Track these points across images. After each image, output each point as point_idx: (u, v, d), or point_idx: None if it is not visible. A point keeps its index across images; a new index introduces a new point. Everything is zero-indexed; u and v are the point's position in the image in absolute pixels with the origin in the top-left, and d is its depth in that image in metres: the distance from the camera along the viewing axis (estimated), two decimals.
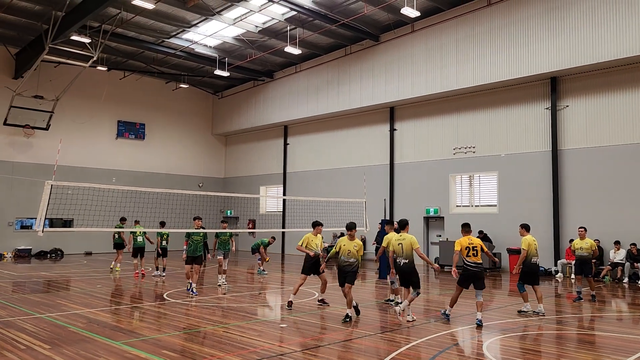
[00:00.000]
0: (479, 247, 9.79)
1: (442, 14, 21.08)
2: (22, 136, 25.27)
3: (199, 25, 22.61)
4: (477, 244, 9.83)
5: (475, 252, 9.71)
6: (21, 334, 8.30)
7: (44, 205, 9.91)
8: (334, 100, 25.34)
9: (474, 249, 9.73)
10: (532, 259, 10.85)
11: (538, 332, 9.03)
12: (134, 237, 17.15)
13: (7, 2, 19.98)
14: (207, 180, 32.27)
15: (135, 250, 17.05)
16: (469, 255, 9.71)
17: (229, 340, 8.14)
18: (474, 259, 9.69)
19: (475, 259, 9.70)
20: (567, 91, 18.70)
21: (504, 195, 20.11)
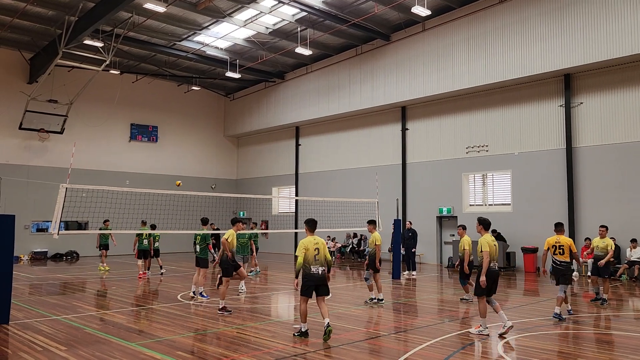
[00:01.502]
0: (565, 245, 10.08)
1: (453, 12, 20.95)
2: (37, 140, 25.60)
3: (210, 27, 22.72)
4: (565, 242, 10.12)
5: (562, 250, 10.07)
6: (38, 336, 8.40)
7: (59, 208, 10.02)
8: (345, 100, 25.31)
9: (560, 247, 10.08)
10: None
11: (554, 331, 8.92)
12: (139, 239, 17.27)
13: (21, 8, 20.25)
14: (220, 181, 32.41)
15: (140, 252, 17.25)
16: (555, 254, 10.13)
17: (242, 341, 8.16)
18: (560, 257, 10.07)
19: (562, 257, 10.06)
20: (581, 88, 18.49)
21: (518, 194, 19.93)
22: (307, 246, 8.18)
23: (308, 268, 8.13)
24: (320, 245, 8.26)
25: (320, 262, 8.21)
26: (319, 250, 8.23)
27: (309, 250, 8.16)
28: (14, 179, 22.26)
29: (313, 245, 8.21)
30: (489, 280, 8.59)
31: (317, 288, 8.19)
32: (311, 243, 8.23)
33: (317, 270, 8.16)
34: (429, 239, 22.36)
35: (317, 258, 8.18)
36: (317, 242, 8.30)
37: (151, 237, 17.34)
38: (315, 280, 8.15)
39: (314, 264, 8.16)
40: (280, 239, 29.12)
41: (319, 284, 8.19)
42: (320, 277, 8.18)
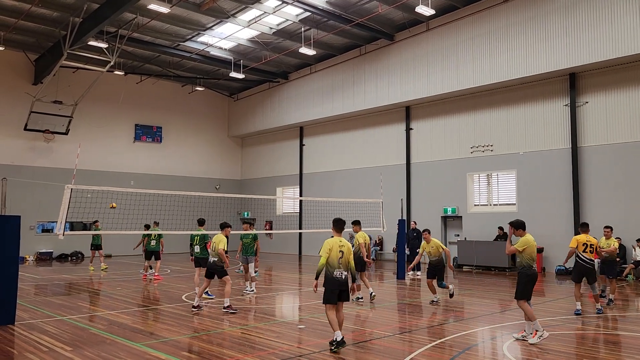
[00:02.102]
0: (594, 245, 10.60)
1: (458, 11, 20.90)
2: (42, 141, 25.69)
3: (214, 28, 22.75)
4: (594, 242, 10.60)
5: (592, 248, 10.50)
6: (43, 336, 8.42)
7: (65, 208, 10.04)
8: (349, 100, 25.29)
9: (590, 246, 10.50)
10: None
11: (560, 332, 8.88)
12: (148, 239, 17.28)
13: (26, 10, 20.33)
14: (224, 182, 32.45)
15: (149, 253, 17.23)
16: (585, 252, 10.47)
17: (247, 341, 8.15)
18: (590, 255, 10.46)
19: (590, 255, 10.47)
20: (586, 87, 18.41)
21: (523, 193, 19.86)
22: (331, 247, 7.56)
23: (330, 272, 7.51)
24: (345, 249, 7.64)
25: (343, 266, 7.61)
26: (343, 253, 7.61)
27: (332, 251, 7.54)
28: (19, 180, 22.32)
29: (338, 247, 7.59)
30: (530, 282, 8.23)
31: (340, 293, 7.55)
32: (336, 244, 7.60)
33: (340, 274, 7.53)
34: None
35: (341, 262, 7.57)
36: (343, 244, 7.65)
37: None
38: (339, 285, 7.50)
39: (337, 268, 7.53)
40: (285, 239, 29.13)
41: (342, 289, 7.56)
42: (343, 282, 7.54)
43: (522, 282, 8.22)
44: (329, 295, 7.49)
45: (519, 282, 8.28)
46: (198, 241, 12.80)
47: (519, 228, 8.45)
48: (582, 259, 10.53)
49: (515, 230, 8.47)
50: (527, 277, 8.21)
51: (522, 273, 8.28)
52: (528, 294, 8.24)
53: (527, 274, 8.22)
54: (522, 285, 8.22)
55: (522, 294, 8.20)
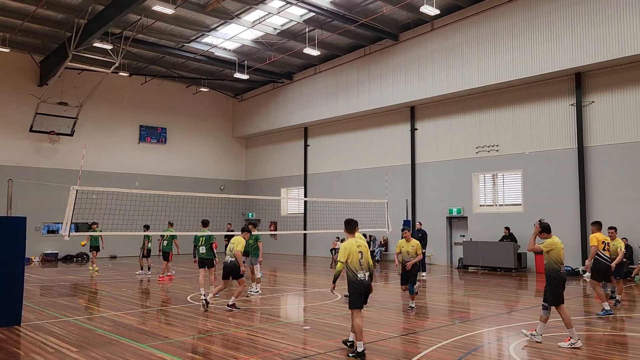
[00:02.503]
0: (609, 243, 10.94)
1: (462, 11, 20.84)
2: (48, 142, 25.78)
3: (218, 29, 22.77)
4: (609, 241, 10.96)
5: (608, 247, 10.73)
6: (49, 337, 8.43)
7: (70, 210, 10.06)
8: (353, 100, 25.26)
9: (607, 244, 10.74)
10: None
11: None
12: (161, 239, 17.26)
13: (31, 11, 20.41)
14: (229, 183, 32.47)
15: (164, 254, 17.15)
16: (604, 250, 10.60)
17: (252, 342, 8.14)
18: (607, 253, 10.66)
19: (608, 253, 10.67)
20: (592, 87, 18.31)
21: (528, 193, 19.77)
22: (349, 250, 7.14)
23: (354, 275, 7.09)
24: (363, 248, 7.26)
25: (365, 266, 7.20)
26: (362, 253, 7.22)
27: (352, 254, 7.12)
28: (25, 181, 22.40)
29: (356, 249, 7.19)
30: (560, 285, 7.98)
31: (365, 297, 7.25)
32: (353, 246, 7.19)
33: (364, 276, 7.14)
34: (439, 240, 22.24)
35: (362, 262, 7.17)
36: (360, 244, 7.29)
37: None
38: (364, 288, 7.14)
39: (360, 270, 7.13)
40: (289, 240, 29.12)
41: (367, 292, 7.26)
42: (367, 285, 7.20)
43: (552, 287, 7.99)
44: (356, 300, 7.11)
45: (549, 287, 8.04)
46: (204, 242, 12.78)
47: (543, 231, 8.23)
48: (602, 257, 10.58)
49: (539, 233, 8.26)
50: (556, 281, 7.99)
51: (551, 277, 8.04)
52: (562, 298, 8.00)
53: (556, 278, 8.00)
54: (553, 289, 7.98)
55: (557, 300, 7.95)
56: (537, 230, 8.29)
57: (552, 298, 7.99)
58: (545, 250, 8.08)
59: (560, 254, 8.10)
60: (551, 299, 8.00)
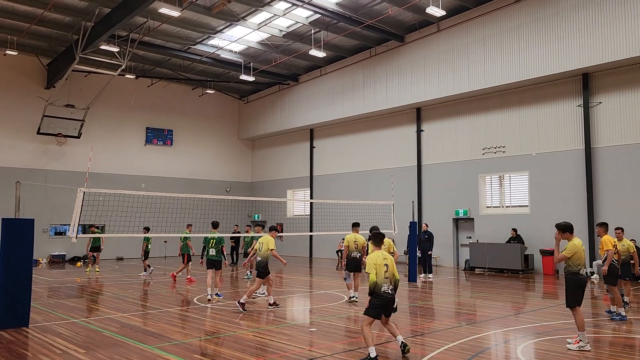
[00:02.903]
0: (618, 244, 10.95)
1: (468, 12, 20.79)
2: (55, 144, 25.92)
3: (224, 31, 22.84)
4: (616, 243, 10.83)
5: (616, 248, 10.60)
6: (57, 339, 8.47)
7: (77, 211, 10.10)
8: (359, 102, 25.24)
9: (614, 246, 10.48)
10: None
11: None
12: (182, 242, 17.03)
13: (39, 15, 20.55)
14: (235, 184, 32.53)
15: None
16: (615, 253, 10.43)
17: (259, 344, 8.14)
18: (617, 255, 10.56)
19: (617, 256, 10.58)
20: (599, 87, 18.21)
21: (535, 195, 19.67)
22: (376, 262, 7.18)
23: (379, 287, 7.13)
24: (388, 261, 7.29)
25: (389, 279, 7.23)
26: (388, 266, 7.24)
27: (378, 266, 7.16)
28: (32, 183, 22.55)
29: (382, 261, 7.23)
30: (578, 288, 7.91)
31: (386, 309, 7.35)
32: (380, 259, 7.24)
33: (387, 289, 7.18)
34: (446, 242, 22.18)
35: (387, 275, 7.21)
36: (385, 257, 7.32)
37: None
38: (385, 302, 7.21)
39: (384, 282, 7.17)
40: (295, 242, 29.10)
41: (389, 305, 7.34)
42: (390, 299, 7.26)
43: (570, 288, 7.92)
44: (373, 311, 7.17)
45: (567, 288, 7.97)
46: (214, 244, 12.87)
47: (566, 231, 8.06)
48: (614, 260, 10.37)
49: (562, 233, 8.06)
50: (575, 283, 7.91)
51: (570, 279, 7.96)
52: (579, 301, 7.91)
53: (575, 280, 7.91)
54: (571, 291, 7.90)
55: (573, 301, 7.88)
56: (559, 238, 8.13)
57: (568, 299, 7.93)
58: (568, 256, 7.94)
59: (582, 257, 7.97)
60: (568, 300, 7.94)
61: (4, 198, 23.15)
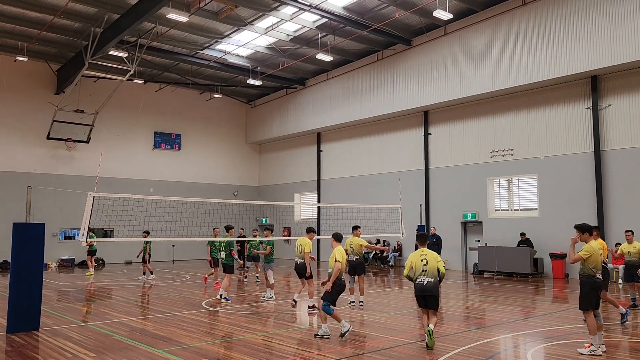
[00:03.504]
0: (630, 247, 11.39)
1: (475, 15, 20.76)
2: (64, 149, 26.13)
3: (232, 35, 22.95)
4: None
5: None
6: (67, 342, 8.52)
7: (87, 216, 10.16)
8: (366, 105, 25.25)
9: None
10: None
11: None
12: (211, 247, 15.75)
13: (48, 21, 20.75)
14: (242, 188, 32.60)
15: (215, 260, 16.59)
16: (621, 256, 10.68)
17: (267, 348, 8.14)
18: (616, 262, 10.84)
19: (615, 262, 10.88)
20: (608, 90, 18.11)
21: (545, 198, 19.57)
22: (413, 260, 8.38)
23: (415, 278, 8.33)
24: (428, 256, 8.31)
25: (429, 272, 8.20)
26: (427, 260, 8.25)
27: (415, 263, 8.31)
28: (42, 188, 22.72)
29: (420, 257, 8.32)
30: (593, 291, 7.77)
31: (425, 299, 8.23)
32: (418, 255, 8.38)
33: (423, 280, 8.20)
34: (454, 245, 22.10)
35: (425, 268, 8.22)
36: (425, 253, 8.39)
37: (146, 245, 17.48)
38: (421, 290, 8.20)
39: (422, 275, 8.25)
40: None
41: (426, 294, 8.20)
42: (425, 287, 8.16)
43: (586, 291, 7.77)
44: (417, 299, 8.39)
45: (582, 291, 7.82)
46: (224, 248, 12.96)
47: (585, 232, 7.93)
48: (605, 265, 10.06)
49: (582, 234, 7.92)
50: (590, 286, 7.77)
51: (585, 281, 7.81)
52: (593, 304, 7.77)
53: (590, 283, 7.77)
54: (586, 294, 7.76)
55: (587, 304, 7.73)
56: (575, 240, 8.04)
57: (582, 302, 7.78)
58: (584, 258, 7.78)
59: (598, 260, 7.83)
60: (582, 302, 7.79)
61: (14, 202, 23.38)
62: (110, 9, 19.72)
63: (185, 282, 18.20)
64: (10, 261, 9.96)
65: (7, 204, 23.84)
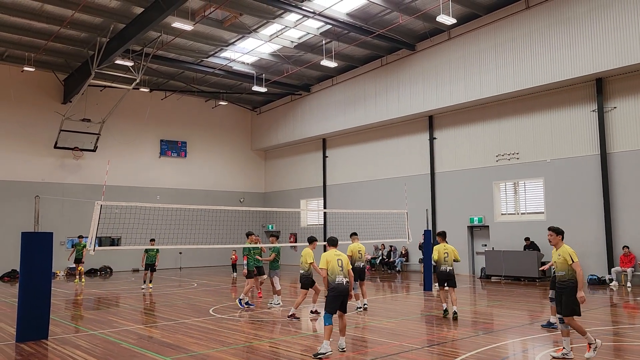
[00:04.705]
0: None
1: (479, 19, 20.79)
2: (72, 158, 26.30)
3: (236, 43, 23.08)
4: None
5: None
6: (76, 351, 8.56)
7: (95, 224, 10.23)
8: (371, 111, 25.28)
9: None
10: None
11: (584, 342, 8.63)
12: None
13: (55, 31, 20.97)
14: (248, 195, 32.67)
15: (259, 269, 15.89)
16: None
17: (275, 355, 8.15)
18: None
19: None
20: (614, 92, 18.05)
21: (551, 201, 19.49)
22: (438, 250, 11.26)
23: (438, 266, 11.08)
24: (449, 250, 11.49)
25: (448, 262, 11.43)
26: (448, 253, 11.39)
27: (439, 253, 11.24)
28: (51, 197, 22.87)
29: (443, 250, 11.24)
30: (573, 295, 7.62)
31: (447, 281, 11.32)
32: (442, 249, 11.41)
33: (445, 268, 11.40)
34: (461, 249, 21.87)
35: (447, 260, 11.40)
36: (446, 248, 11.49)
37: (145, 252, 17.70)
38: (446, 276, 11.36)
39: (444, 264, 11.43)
40: None
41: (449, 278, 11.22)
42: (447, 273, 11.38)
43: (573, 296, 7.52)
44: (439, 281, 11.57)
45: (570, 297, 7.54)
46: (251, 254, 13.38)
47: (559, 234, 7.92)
48: None
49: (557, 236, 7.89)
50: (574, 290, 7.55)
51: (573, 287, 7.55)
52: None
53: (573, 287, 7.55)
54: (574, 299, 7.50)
55: (578, 309, 7.55)
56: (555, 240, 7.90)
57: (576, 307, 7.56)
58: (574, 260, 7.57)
59: None
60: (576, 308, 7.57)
61: (22, 212, 23.55)
62: (115, 19, 19.90)
63: (192, 289, 18.24)
64: (18, 270, 10.03)
65: (15, 213, 24.01)
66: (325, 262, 8.32)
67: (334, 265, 8.25)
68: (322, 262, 8.36)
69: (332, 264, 8.28)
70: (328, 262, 8.31)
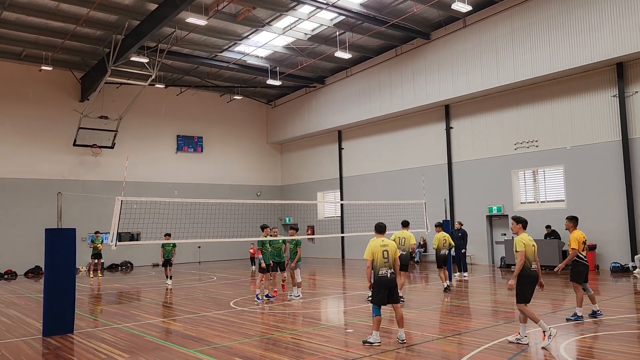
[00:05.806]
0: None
1: (495, 5, 20.49)
2: (90, 155, 26.64)
3: (250, 37, 23.08)
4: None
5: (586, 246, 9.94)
6: (101, 344, 8.71)
7: (116, 220, 10.35)
8: (387, 101, 25.14)
9: (584, 242, 9.82)
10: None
11: (618, 332, 8.53)
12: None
13: (71, 30, 21.18)
14: (265, 188, 32.79)
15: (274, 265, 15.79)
16: (583, 250, 9.75)
17: (297, 346, 8.19)
18: (585, 252, 9.92)
19: (586, 252, 9.94)
20: (635, 76, 17.68)
21: (572, 189, 19.22)
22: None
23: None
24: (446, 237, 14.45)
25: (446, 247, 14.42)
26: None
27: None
28: (72, 194, 23.21)
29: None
30: (529, 284, 7.99)
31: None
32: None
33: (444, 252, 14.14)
34: (480, 239, 21.87)
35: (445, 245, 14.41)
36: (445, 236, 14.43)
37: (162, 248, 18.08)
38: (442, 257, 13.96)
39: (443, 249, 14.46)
40: (327, 243, 29.15)
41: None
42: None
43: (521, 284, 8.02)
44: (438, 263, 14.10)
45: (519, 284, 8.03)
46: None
47: (520, 223, 8.39)
48: (582, 259, 9.67)
49: (517, 224, 8.36)
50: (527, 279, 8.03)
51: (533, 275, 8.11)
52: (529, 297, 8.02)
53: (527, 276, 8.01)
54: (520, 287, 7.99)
55: (522, 298, 7.99)
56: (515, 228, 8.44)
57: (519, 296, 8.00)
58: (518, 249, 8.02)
59: (531, 252, 8.12)
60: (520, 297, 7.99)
61: (44, 209, 23.93)
62: (130, 16, 20.03)
63: (212, 282, 18.41)
64: (42, 266, 10.20)
65: (36, 210, 24.42)
66: (371, 254, 8.13)
67: (379, 257, 8.08)
68: (367, 252, 8.16)
69: (378, 255, 8.09)
70: (374, 254, 8.12)
